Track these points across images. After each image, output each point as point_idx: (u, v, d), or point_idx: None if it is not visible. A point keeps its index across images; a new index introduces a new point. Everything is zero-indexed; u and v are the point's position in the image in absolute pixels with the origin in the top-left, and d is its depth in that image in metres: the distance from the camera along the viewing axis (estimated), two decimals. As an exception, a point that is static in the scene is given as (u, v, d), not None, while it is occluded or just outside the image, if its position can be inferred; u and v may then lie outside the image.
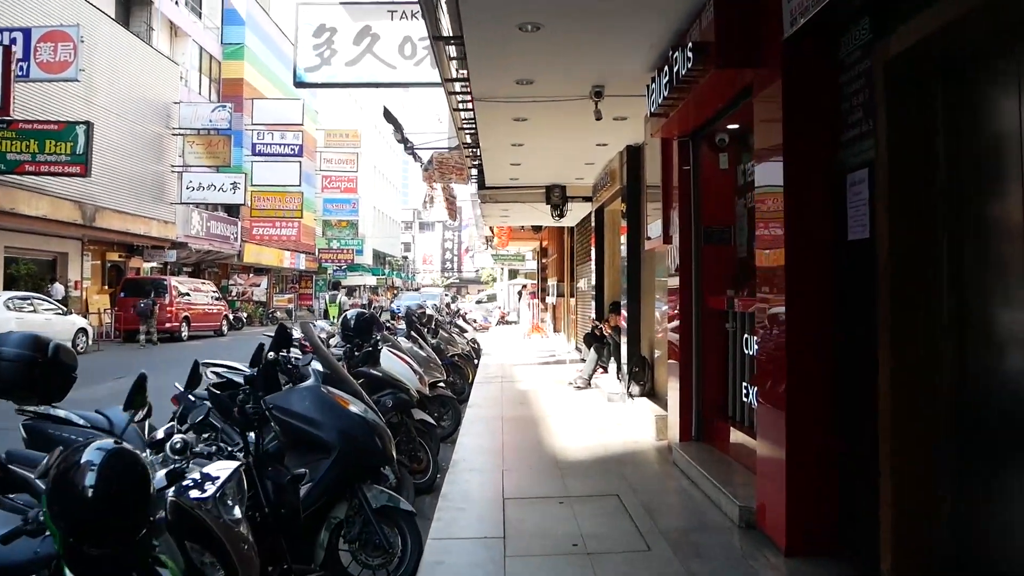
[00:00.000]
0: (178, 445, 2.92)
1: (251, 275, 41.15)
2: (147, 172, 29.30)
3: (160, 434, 3.24)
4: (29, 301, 18.71)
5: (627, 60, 6.00)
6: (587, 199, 12.68)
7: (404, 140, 13.58)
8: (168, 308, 25.27)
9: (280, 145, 37.89)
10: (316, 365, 4.64)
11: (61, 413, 4.20)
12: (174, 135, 31.43)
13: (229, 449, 3.52)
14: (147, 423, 4.64)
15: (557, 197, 12.44)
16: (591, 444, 7.36)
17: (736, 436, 5.80)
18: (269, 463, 3.69)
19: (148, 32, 31.20)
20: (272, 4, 43.22)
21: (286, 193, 38.67)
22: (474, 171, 12.54)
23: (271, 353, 4.38)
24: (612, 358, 10.77)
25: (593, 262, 12.86)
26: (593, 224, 12.77)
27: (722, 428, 6.10)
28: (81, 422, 4.19)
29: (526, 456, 6.99)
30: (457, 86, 8.19)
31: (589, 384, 11.30)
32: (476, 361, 16.61)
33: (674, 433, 6.65)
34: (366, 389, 5.95)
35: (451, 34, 6.09)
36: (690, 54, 4.93)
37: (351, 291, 57.46)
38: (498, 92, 6.79)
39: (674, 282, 6.64)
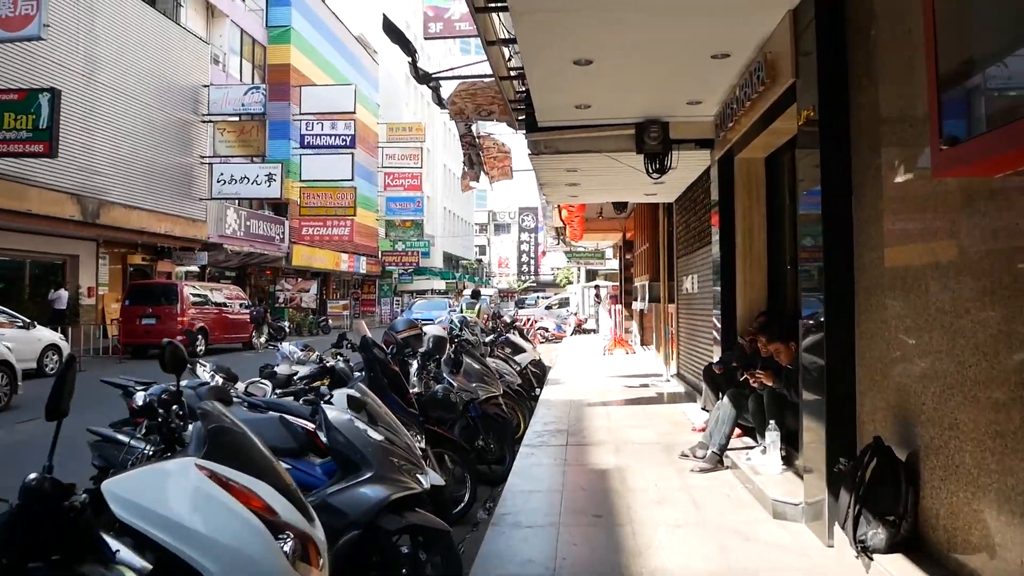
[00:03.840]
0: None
1: (299, 280, 37.24)
2: (170, 163, 25.52)
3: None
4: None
5: None
6: (703, 144, 7.75)
7: (416, 69, 8.94)
8: (179, 318, 21.17)
9: (331, 136, 33.86)
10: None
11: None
12: (203, 122, 27.61)
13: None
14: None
15: (655, 140, 7.49)
16: None
17: None
18: None
19: (175, 9, 27.52)
20: (322, -19, 39.29)
21: (338, 188, 34.55)
22: (520, 103, 7.77)
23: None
24: (770, 418, 5.82)
25: (716, 247, 7.89)
26: (716, 187, 7.80)
27: None
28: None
29: None
30: None
31: (721, 461, 6.38)
32: (535, 392, 11.93)
33: None
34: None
35: None
36: None
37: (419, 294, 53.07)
38: None
39: None
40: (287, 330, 31.12)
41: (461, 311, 13.43)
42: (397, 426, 4.23)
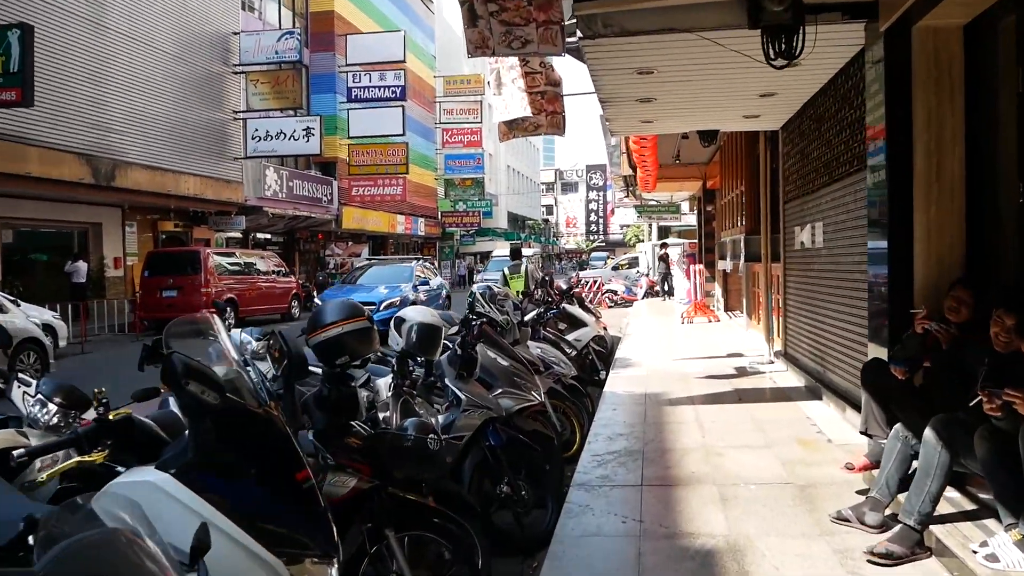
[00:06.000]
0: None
1: (349, 244, 35.02)
2: (198, 120, 23.28)
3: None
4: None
5: None
6: (857, 10, 4.82)
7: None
8: (203, 288, 18.92)
9: (380, 88, 31.12)
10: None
11: None
12: (235, 74, 25.31)
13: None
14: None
15: (779, 5, 4.64)
16: None
17: None
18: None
19: (197, -50, 25.15)
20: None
21: (389, 144, 31.98)
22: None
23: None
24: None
25: (878, 175, 4.98)
26: (881, 77, 4.86)
27: None
28: None
29: None
30: None
31: (922, 541, 3.60)
32: (600, 375, 9.36)
33: None
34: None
35: None
36: None
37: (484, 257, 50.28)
38: None
39: None
40: (333, 298, 29.06)
41: (505, 280, 10.53)
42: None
